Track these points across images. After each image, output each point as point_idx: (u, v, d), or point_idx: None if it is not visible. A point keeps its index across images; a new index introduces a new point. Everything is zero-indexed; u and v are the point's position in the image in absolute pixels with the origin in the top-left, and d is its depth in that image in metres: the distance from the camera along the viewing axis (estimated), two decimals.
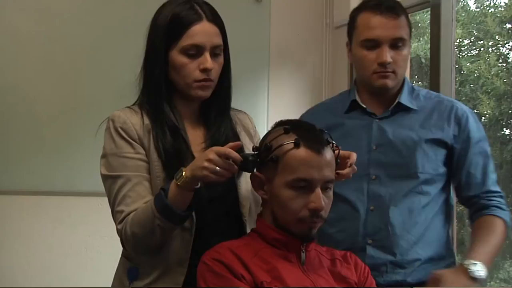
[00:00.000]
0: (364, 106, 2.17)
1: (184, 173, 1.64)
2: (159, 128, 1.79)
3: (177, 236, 1.77)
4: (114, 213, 1.76)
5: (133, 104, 1.90)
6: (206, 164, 1.62)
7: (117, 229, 1.75)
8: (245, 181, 1.84)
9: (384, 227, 2.07)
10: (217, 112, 1.89)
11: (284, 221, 1.64)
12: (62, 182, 3.50)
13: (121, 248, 1.90)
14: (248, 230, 1.80)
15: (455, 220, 2.27)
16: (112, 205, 1.77)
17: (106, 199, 1.85)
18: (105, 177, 1.80)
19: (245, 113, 2.03)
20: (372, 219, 2.09)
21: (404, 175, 2.10)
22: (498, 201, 2.08)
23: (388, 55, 2.06)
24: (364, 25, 2.08)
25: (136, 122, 1.81)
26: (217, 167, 1.62)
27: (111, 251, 2.00)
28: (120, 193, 1.74)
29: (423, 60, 3.61)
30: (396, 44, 2.08)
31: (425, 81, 3.39)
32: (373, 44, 2.07)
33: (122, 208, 1.73)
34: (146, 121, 1.81)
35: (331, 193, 1.65)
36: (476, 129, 2.14)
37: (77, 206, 3.53)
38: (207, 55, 1.80)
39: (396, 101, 2.16)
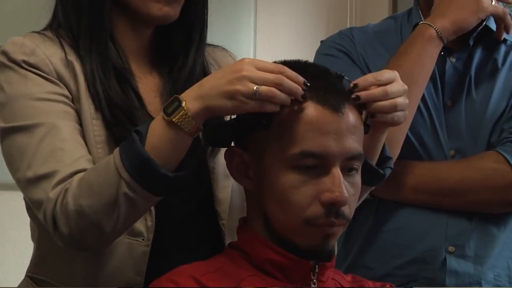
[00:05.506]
0: None
1: (184, 102, 1.34)
2: (98, 67, 1.52)
3: (123, 246, 1.48)
4: (32, 181, 1.43)
5: (44, 29, 1.57)
6: (238, 86, 1.30)
7: (43, 206, 1.41)
8: (223, 164, 1.55)
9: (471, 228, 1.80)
10: (183, 46, 1.61)
11: (282, 226, 1.38)
12: None
13: (25, 264, 1.58)
14: (228, 241, 1.55)
15: None
16: (27, 168, 1.43)
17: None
18: (9, 131, 1.47)
19: (224, 49, 1.72)
20: (453, 218, 1.79)
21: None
22: None
23: None
24: None
25: (52, 53, 1.50)
26: (256, 86, 1.30)
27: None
28: (44, 146, 1.43)
29: None
30: None
31: None
32: None
33: (53, 166, 1.41)
34: (71, 54, 1.51)
35: (358, 178, 1.40)
36: None
37: None
38: None
39: (484, 24, 1.80)
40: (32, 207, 1.45)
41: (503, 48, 1.84)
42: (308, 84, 1.35)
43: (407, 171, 1.78)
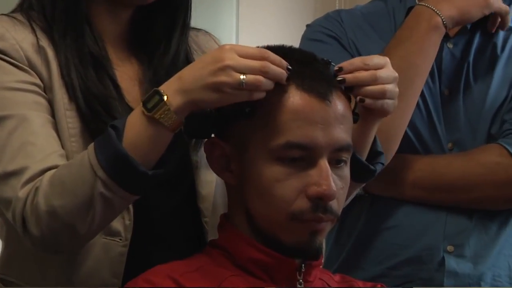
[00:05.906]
0: None
1: (165, 97, 1.29)
2: (74, 53, 1.46)
3: (99, 246, 1.44)
4: (1, 178, 1.39)
5: (13, 11, 1.52)
6: (223, 77, 1.26)
7: (11, 206, 1.37)
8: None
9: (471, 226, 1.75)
10: (165, 31, 1.55)
11: (266, 222, 1.35)
12: None
13: None
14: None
15: None
16: None
17: None
18: None
19: (207, 33, 1.66)
20: (452, 216, 1.75)
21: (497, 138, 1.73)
22: None
23: None
24: None
25: (22, 38, 1.44)
26: (242, 76, 1.26)
27: None
28: (14, 140, 1.38)
29: None
30: None
31: None
32: None
33: (23, 162, 1.36)
34: (43, 39, 1.45)
35: (346, 170, 1.36)
36: None
37: None
38: None
39: None
40: (0, 206, 1.40)
41: (501, 33, 1.79)
42: (290, 68, 1.30)
43: (404, 166, 1.73)
